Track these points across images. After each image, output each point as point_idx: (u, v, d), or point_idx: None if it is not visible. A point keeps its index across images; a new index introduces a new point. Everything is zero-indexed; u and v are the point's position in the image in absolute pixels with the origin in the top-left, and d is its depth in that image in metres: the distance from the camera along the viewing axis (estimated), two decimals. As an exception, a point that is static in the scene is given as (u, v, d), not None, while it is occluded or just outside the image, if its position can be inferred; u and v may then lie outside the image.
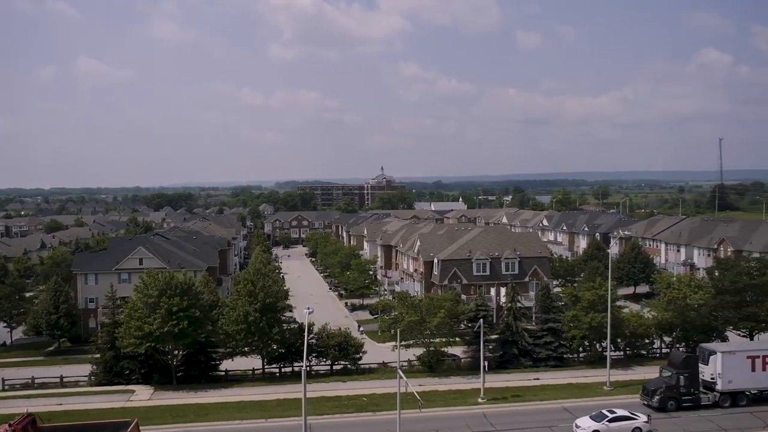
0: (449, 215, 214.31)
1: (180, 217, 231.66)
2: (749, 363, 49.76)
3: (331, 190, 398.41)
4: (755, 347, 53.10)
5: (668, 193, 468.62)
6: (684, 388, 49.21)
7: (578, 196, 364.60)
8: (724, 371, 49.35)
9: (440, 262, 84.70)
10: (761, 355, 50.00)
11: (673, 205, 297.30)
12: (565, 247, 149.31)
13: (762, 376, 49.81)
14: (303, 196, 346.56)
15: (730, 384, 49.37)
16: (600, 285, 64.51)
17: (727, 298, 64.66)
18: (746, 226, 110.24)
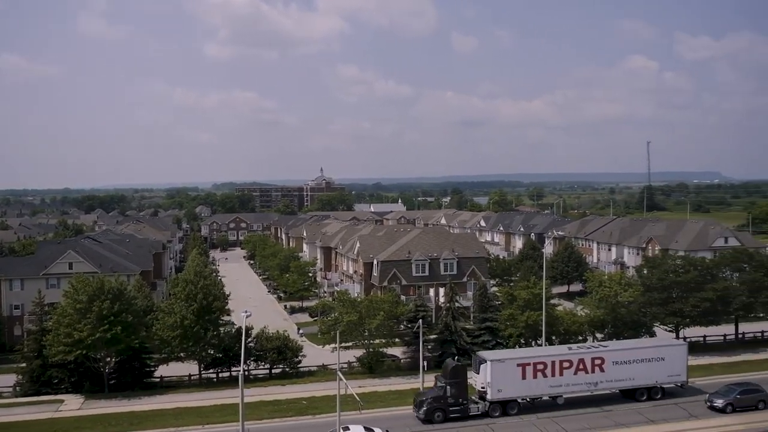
0: (389, 216, 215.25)
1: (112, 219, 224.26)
2: (520, 371, 48.93)
3: (269, 192, 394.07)
4: (526, 355, 51.97)
5: (600, 194, 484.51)
6: (452, 398, 47.52)
7: (514, 197, 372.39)
8: (493, 380, 48.41)
9: (380, 264, 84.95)
10: (532, 363, 49.25)
11: (605, 205, 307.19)
12: (502, 247, 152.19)
13: (533, 384, 49.24)
14: (241, 197, 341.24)
15: (500, 393, 48.54)
16: (535, 284, 66.03)
17: (654, 295, 67.19)
18: (672, 226, 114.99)
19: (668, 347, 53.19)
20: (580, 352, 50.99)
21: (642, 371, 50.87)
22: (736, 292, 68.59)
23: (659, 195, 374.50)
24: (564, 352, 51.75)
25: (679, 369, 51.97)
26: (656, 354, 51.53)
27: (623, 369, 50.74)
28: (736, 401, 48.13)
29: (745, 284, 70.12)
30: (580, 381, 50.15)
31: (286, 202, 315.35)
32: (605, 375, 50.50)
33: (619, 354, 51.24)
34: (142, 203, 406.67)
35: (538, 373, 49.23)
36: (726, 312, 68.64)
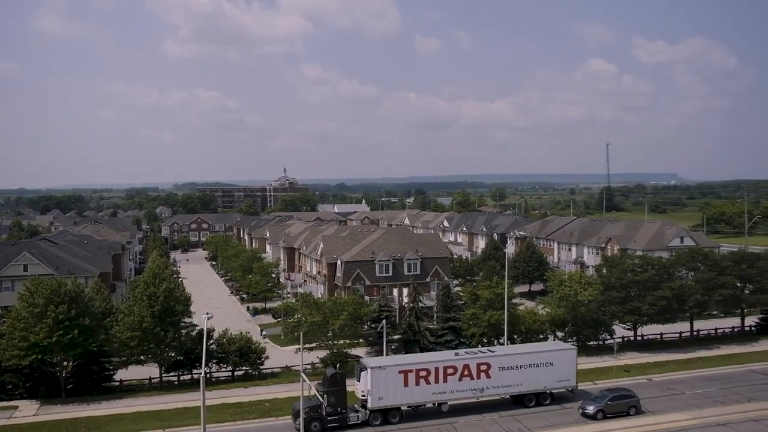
0: (352, 217, 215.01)
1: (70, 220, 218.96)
2: (401, 378, 47.38)
3: (232, 192, 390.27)
4: (408, 361, 50.36)
5: (560, 194, 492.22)
6: (330, 407, 45.75)
7: (477, 197, 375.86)
8: (374, 387, 46.88)
9: (343, 264, 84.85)
10: (414, 369, 47.85)
11: (565, 206, 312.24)
12: (465, 247, 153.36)
13: (416, 391, 47.77)
14: (203, 198, 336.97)
15: (381, 401, 47.06)
16: (497, 284, 66.77)
17: (613, 294, 68.55)
18: (630, 226, 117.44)
19: (557, 352, 52.56)
20: (465, 358, 49.95)
21: (530, 376, 50.27)
22: (691, 290, 70.43)
23: (618, 196, 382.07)
24: (449, 358, 50.53)
25: (568, 374, 51.52)
26: (545, 359, 50.86)
27: (510, 374, 50.03)
28: (607, 407, 47.38)
29: (700, 283, 72.09)
30: (466, 387, 49.17)
31: (249, 203, 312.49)
32: (492, 381, 49.67)
33: (506, 359, 50.48)
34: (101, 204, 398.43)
35: (421, 380, 47.86)
36: (682, 310, 70.46)
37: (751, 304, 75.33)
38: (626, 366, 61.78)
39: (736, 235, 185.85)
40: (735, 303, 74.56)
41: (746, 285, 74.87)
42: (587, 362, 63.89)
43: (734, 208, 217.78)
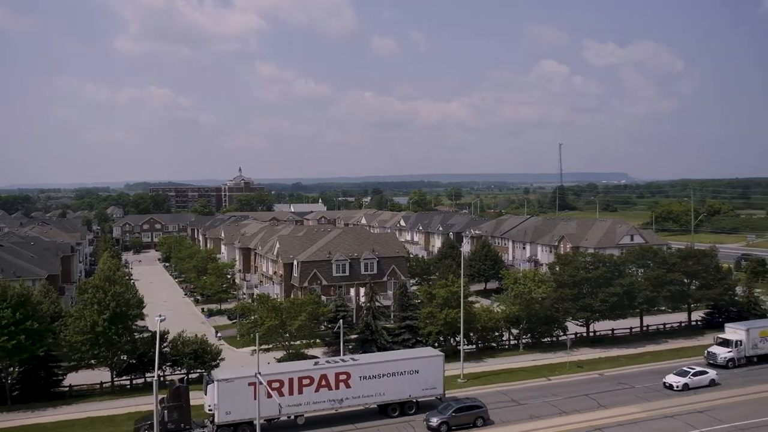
0: (309, 217, 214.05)
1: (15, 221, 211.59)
2: (251, 390, 43.69)
3: (186, 192, 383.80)
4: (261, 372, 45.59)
5: (515, 194, 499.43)
6: (171, 423, 42.93)
7: (433, 197, 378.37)
8: (221, 401, 44.36)
9: (300, 264, 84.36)
10: (267, 381, 43.69)
11: (519, 205, 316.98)
12: (422, 246, 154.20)
13: (268, 404, 43.63)
14: (155, 198, 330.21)
15: (228, 415, 44.54)
16: (453, 282, 67.36)
17: (566, 291, 69.90)
18: (582, 224, 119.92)
19: (422, 359, 50.47)
20: (323, 368, 47.71)
21: (393, 385, 48.28)
22: (640, 287, 72.37)
23: (571, 195, 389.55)
24: (305, 368, 47.96)
25: (434, 381, 49.83)
26: (409, 367, 48.90)
27: (372, 384, 48.07)
28: (451, 419, 45.93)
29: (649, 280, 74.13)
30: (323, 398, 46.88)
31: (203, 203, 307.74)
32: (352, 391, 47.60)
33: (367, 368, 48.46)
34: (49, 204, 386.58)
35: (273, 391, 44.66)
36: (632, 306, 72.32)
37: (697, 299, 77.83)
38: (579, 362, 63.10)
39: (683, 233, 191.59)
40: (682, 299, 76.96)
41: (692, 281, 77.29)
42: (541, 359, 65.13)
43: (681, 207, 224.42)
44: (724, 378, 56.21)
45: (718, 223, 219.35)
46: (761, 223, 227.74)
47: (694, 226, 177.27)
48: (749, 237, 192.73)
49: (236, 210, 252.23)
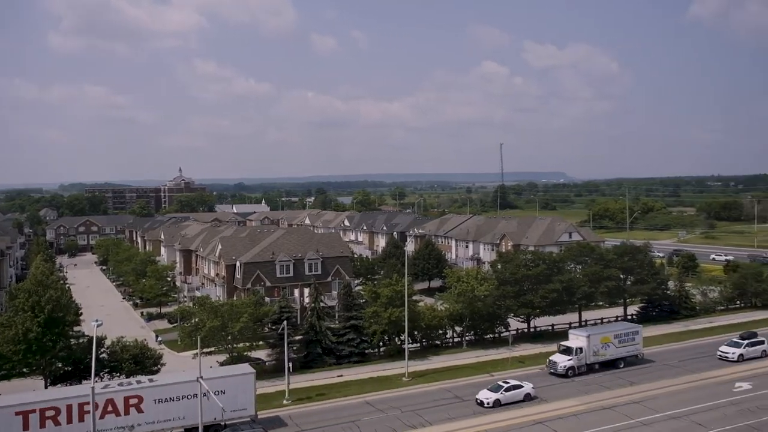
0: (252, 217, 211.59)
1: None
2: (20, 420, 39.53)
3: (123, 193, 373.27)
4: (29, 399, 41.86)
5: (458, 193, 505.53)
6: None
7: (377, 197, 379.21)
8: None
9: (243, 266, 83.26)
10: (38, 410, 39.90)
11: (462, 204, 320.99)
12: (366, 246, 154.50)
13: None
14: (92, 199, 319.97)
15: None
16: (397, 281, 67.67)
17: (508, 289, 71.19)
18: (523, 223, 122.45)
19: (230, 378, 46.52)
20: (109, 392, 42.68)
21: (195, 408, 42.12)
22: (579, 283, 74.36)
23: (511, 194, 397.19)
24: (85, 393, 40.66)
25: (245, 402, 46.04)
26: (213, 387, 43.11)
27: (170, 407, 43.74)
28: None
29: (587, 276, 76.23)
30: (110, 426, 41.82)
31: (142, 204, 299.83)
32: (145, 416, 42.97)
33: (163, 390, 44.02)
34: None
35: (47, 421, 39.88)
36: (571, 302, 74.21)
37: (633, 294, 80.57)
38: (521, 357, 64.36)
39: (619, 230, 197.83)
40: (618, 294, 79.48)
41: (628, 276, 79.89)
42: (484, 355, 66.15)
43: (617, 205, 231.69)
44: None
45: (652, 221, 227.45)
46: (691, 220, 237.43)
47: (629, 223, 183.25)
48: (680, 233, 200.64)
49: (176, 211, 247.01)
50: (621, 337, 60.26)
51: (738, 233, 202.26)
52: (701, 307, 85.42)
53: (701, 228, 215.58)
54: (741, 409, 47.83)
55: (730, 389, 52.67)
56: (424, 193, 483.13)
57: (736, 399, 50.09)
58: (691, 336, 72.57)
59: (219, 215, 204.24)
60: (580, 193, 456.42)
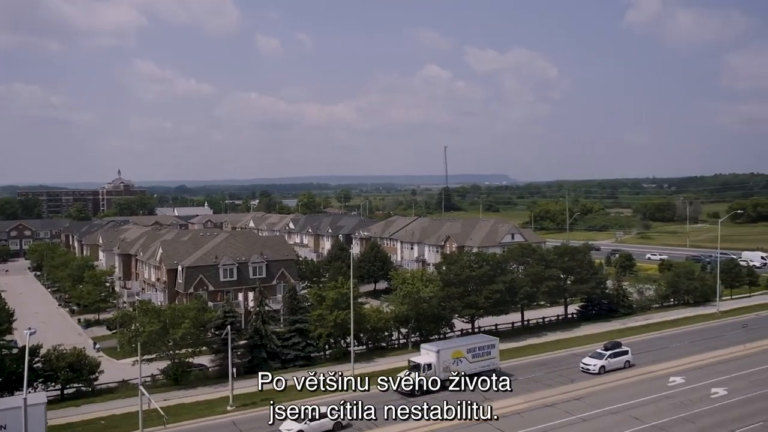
0: (194, 220, 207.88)
1: None
2: None
3: (59, 196, 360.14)
4: None
5: (403, 195, 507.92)
6: None
7: (323, 199, 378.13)
8: None
9: (185, 270, 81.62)
10: None
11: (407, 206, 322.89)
12: (311, 248, 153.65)
13: None
14: (24, 202, 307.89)
15: None
16: (343, 284, 67.57)
17: (452, 290, 71.98)
18: (467, 224, 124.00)
19: (7, 411, 37.85)
20: None
21: None
22: (521, 283, 75.83)
23: (456, 196, 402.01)
24: None
25: None
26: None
27: None
28: None
29: (529, 276, 77.82)
30: None
31: (79, 207, 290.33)
32: None
33: None
34: None
35: None
36: (513, 302, 75.61)
37: (573, 293, 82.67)
38: (465, 357, 65.02)
39: (559, 231, 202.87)
40: (559, 293, 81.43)
41: (568, 276, 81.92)
42: (430, 356, 66.55)
43: (557, 207, 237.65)
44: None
45: (591, 221, 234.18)
46: (628, 220, 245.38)
47: (569, 224, 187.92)
48: (618, 233, 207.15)
49: (115, 214, 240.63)
50: (475, 351, 55.55)
51: (672, 233, 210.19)
52: (638, 305, 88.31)
53: (637, 228, 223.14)
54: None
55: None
56: (369, 195, 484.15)
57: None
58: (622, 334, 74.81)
59: (160, 218, 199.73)
60: (522, 195, 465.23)
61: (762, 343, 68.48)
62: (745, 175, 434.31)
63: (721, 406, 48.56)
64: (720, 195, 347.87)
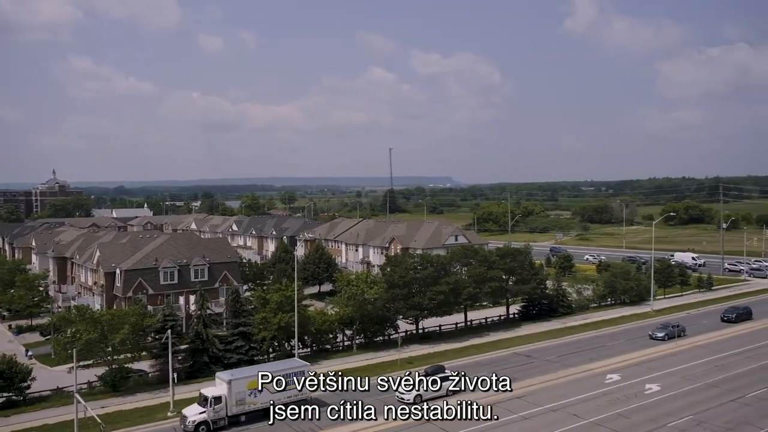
0: (133, 222, 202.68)
1: None
2: None
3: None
4: None
5: (348, 197, 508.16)
6: None
7: (267, 200, 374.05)
8: None
9: (123, 273, 79.46)
10: None
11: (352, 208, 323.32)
12: (255, 251, 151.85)
13: None
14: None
15: None
16: (287, 286, 67.07)
17: (397, 291, 72.32)
18: (411, 226, 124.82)
19: None
20: None
21: None
22: (464, 284, 76.82)
23: (400, 198, 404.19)
24: None
25: None
26: None
27: None
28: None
29: (472, 277, 78.91)
30: None
31: (10, 209, 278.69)
32: None
33: None
34: None
35: None
36: (457, 302, 76.56)
37: (515, 293, 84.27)
38: (409, 358, 65.49)
39: (502, 232, 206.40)
40: (501, 294, 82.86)
41: (510, 277, 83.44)
42: (374, 357, 66.76)
43: (499, 209, 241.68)
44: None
45: (532, 223, 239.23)
46: (567, 222, 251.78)
47: (510, 226, 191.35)
48: (557, 235, 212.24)
49: (50, 216, 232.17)
50: (280, 380, 46.90)
51: (609, 235, 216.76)
52: (577, 304, 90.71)
53: (576, 230, 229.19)
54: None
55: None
56: (314, 197, 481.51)
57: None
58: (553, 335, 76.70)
59: (97, 220, 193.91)
60: (465, 197, 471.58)
61: (692, 340, 71.45)
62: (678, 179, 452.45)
63: (654, 402, 50.42)
64: (654, 198, 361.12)
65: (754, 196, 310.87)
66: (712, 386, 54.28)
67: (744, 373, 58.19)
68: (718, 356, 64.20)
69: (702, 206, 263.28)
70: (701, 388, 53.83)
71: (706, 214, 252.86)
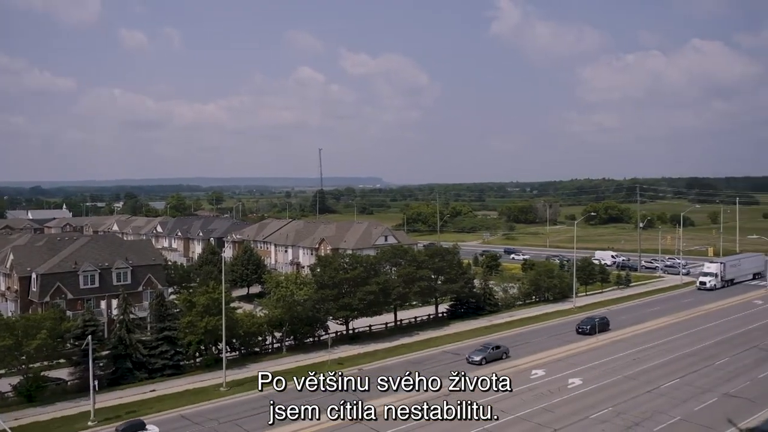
0: (51, 224, 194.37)
1: None
2: None
3: None
4: None
5: (277, 198, 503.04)
6: None
7: (193, 201, 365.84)
8: None
9: (40, 277, 75.96)
10: None
11: (282, 209, 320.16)
12: (181, 253, 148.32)
13: None
14: None
15: None
16: (214, 289, 65.74)
17: (327, 292, 72.09)
18: (341, 227, 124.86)
19: None
20: None
21: None
22: (394, 284, 77.37)
23: (330, 199, 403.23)
24: None
25: None
26: None
27: None
28: None
29: (402, 277, 79.56)
30: None
31: None
32: None
33: None
34: None
35: None
36: (387, 302, 77.01)
37: (443, 293, 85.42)
38: (339, 359, 65.42)
39: (431, 232, 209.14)
40: (430, 293, 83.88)
41: (439, 276, 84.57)
42: (304, 359, 66.34)
43: (429, 209, 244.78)
44: None
45: (460, 223, 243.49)
46: (494, 222, 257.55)
47: (439, 226, 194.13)
48: (485, 235, 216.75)
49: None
50: None
51: (533, 234, 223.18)
52: (503, 303, 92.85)
53: (503, 230, 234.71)
54: None
55: None
56: (242, 198, 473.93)
57: None
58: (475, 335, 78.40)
59: (11, 222, 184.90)
60: (395, 197, 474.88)
61: (612, 335, 74.41)
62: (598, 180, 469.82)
63: (576, 395, 52.25)
64: (576, 198, 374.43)
65: (669, 197, 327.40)
66: (631, 378, 56.71)
67: (659, 365, 61.10)
68: (636, 350, 67.09)
69: (620, 206, 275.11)
70: (620, 381, 56.15)
71: (625, 214, 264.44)
